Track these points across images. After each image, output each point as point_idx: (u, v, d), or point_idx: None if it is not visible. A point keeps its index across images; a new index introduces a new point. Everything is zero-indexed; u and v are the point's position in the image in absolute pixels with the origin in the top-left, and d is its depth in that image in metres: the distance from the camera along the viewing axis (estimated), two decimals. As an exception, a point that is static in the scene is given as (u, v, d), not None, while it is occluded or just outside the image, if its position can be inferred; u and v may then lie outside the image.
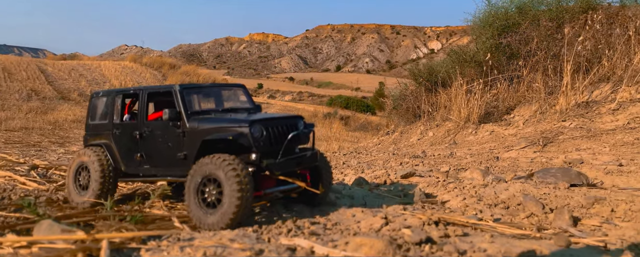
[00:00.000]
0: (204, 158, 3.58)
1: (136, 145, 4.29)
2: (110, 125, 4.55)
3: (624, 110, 8.04)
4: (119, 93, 4.61)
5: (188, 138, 3.92)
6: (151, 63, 56.72)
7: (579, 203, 3.48)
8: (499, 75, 12.77)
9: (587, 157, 5.68)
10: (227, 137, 3.65)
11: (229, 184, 3.34)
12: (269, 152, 3.76)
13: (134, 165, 4.36)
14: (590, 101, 9.26)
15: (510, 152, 6.99)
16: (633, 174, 4.57)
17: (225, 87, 4.97)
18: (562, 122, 8.53)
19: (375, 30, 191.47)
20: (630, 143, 6.32)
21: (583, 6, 12.35)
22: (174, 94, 4.05)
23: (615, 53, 9.98)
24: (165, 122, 4.04)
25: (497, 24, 13.32)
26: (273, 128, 3.82)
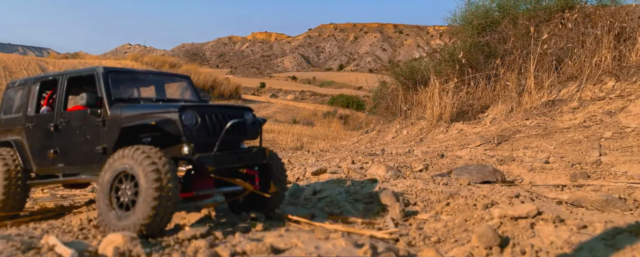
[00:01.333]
0: (120, 150, 3.02)
1: (50, 139, 3.72)
2: (23, 119, 3.98)
3: (583, 108, 8.10)
4: (36, 81, 4.05)
5: (108, 128, 3.35)
6: (152, 62, 57.13)
7: (438, 198, 3.57)
8: (476, 74, 12.83)
9: (526, 155, 5.75)
10: (149, 123, 3.09)
11: (146, 181, 2.77)
12: (205, 145, 3.19)
13: (46, 164, 3.78)
14: (557, 100, 9.31)
15: (463, 150, 7.08)
16: (554, 171, 4.65)
17: (165, 76, 4.37)
18: (525, 121, 8.61)
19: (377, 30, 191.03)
20: (578, 141, 6.40)
21: (561, 5, 12.38)
22: (96, 77, 3.52)
23: (583, 52, 10.01)
24: (84, 112, 3.49)
25: (476, 22, 13.38)
26: (210, 116, 3.25)
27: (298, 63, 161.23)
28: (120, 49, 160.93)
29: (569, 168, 4.62)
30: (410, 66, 15.27)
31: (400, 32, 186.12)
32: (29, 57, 51.71)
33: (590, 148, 5.53)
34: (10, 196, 3.80)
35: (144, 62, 57.64)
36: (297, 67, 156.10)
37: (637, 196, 3.54)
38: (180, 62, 65.47)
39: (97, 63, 53.01)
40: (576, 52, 10.22)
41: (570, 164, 4.76)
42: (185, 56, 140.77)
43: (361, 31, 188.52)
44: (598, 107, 7.88)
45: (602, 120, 7.28)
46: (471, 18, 13.67)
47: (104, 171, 3.07)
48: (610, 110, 7.53)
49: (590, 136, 6.53)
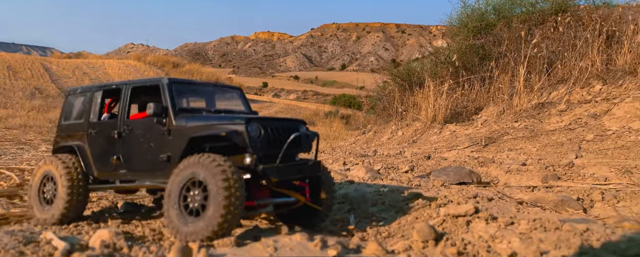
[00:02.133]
0: (190, 157, 3.14)
1: (113, 146, 3.82)
2: (85, 125, 4.09)
3: (570, 111, 8.32)
4: (99, 89, 4.16)
5: (173, 137, 3.45)
6: (155, 61, 57.49)
7: (404, 198, 3.84)
8: (471, 76, 13.05)
9: (508, 157, 5.99)
10: (220, 133, 3.22)
11: (217, 188, 2.87)
12: (266, 156, 3.32)
13: (108, 170, 3.89)
14: (546, 102, 9.53)
15: (451, 151, 7.32)
16: (528, 173, 4.89)
17: (220, 87, 4.48)
18: (514, 123, 8.83)
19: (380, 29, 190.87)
20: (561, 143, 6.63)
21: (555, 8, 12.57)
22: (161, 88, 3.62)
23: (573, 55, 10.22)
24: (148, 120, 3.59)
25: (471, 25, 13.59)
26: (272, 129, 3.37)
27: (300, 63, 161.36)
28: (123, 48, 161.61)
29: (543, 170, 4.86)
30: (408, 67, 15.52)
31: (403, 32, 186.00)
32: (32, 57, 52.20)
33: (569, 150, 5.77)
34: (74, 201, 3.87)
35: (147, 62, 58.00)
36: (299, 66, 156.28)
37: (595, 196, 3.77)
38: (183, 62, 65.78)
39: (100, 63, 53.39)
40: (567, 56, 10.44)
41: (544, 166, 5.00)
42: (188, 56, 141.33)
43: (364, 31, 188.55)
44: (584, 110, 8.11)
45: (587, 123, 7.51)
46: (466, 21, 13.90)
47: (173, 177, 3.15)
48: (596, 113, 7.76)
49: (573, 138, 6.76)
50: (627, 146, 5.65)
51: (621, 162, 4.84)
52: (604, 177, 4.46)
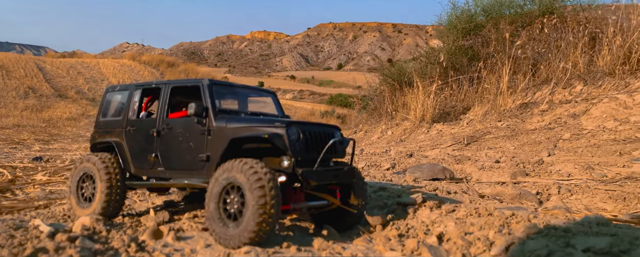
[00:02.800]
0: (228, 162, 3.19)
1: (152, 144, 3.88)
2: (123, 122, 4.14)
3: (551, 111, 8.55)
4: (138, 87, 4.22)
5: (213, 137, 3.52)
6: (150, 61, 57.45)
7: (369, 193, 4.07)
8: (460, 76, 13.28)
9: (486, 155, 6.20)
10: (262, 136, 3.27)
11: (252, 194, 2.95)
12: (303, 160, 3.37)
13: (146, 167, 3.94)
14: (530, 102, 9.76)
15: (434, 150, 7.53)
16: (500, 170, 5.10)
17: (255, 90, 4.54)
18: (498, 123, 9.05)
19: (376, 29, 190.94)
20: (539, 142, 6.84)
21: (542, 10, 12.81)
22: (201, 89, 3.69)
23: (557, 56, 10.46)
24: (188, 120, 3.66)
25: (460, 26, 13.80)
26: (310, 134, 3.42)
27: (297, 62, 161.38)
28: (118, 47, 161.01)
29: (514, 167, 5.07)
30: (399, 68, 15.74)
31: (399, 32, 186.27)
32: (26, 56, 52.01)
33: (544, 149, 5.99)
34: (113, 199, 3.92)
35: (142, 62, 57.94)
36: (295, 66, 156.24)
37: (552, 191, 3.98)
38: (178, 61, 65.69)
39: (94, 62, 53.28)
40: (551, 57, 10.68)
41: (516, 164, 5.21)
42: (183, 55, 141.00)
43: (360, 30, 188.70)
44: (564, 110, 8.33)
45: (566, 123, 7.74)
46: (456, 22, 14.12)
47: (214, 180, 3.21)
48: (575, 113, 7.99)
49: (551, 137, 6.98)
50: (598, 144, 5.87)
51: (587, 160, 5.06)
52: (568, 173, 4.67)
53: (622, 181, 4.22)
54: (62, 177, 6.58)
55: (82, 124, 26.24)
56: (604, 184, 4.12)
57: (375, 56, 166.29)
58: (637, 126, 6.43)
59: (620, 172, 4.53)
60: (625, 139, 5.99)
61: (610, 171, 4.62)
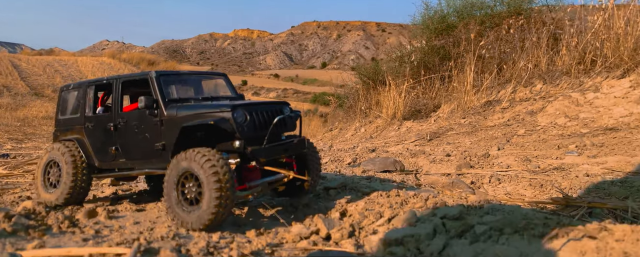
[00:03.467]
0: (181, 153, 3.36)
1: (111, 138, 4.04)
2: (82, 119, 4.29)
3: (511, 108, 8.95)
4: (90, 84, 4.32)
5: (166, 127, 3.67)
6: (130, 59, 56.67)
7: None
8: (432, 75, 13.66)
9: (442, 150, 6.51)
10: (208, 123, 3.40)
11: (208, 181, 3.12)
12: (254, 138, 3.52)
13: (109, 159, 4.11)
14: (494, 100, 10.17)
15: (398, 146, 7.83)
16: (449, 162, 5.41)
17: (205, 75, 4.63)
18: (462, 120, 9.42)
19: (360, 28, 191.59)
20: (494, 137, 7.20)
21: (510, 11, 13.27)
22: (150, 81, 3.81)
23: (521, 56, 10.90)
24: (141, 112, 3.80)
25: (432, 26, 14.20)
26: (257, 113, 3.58)
27: (281, 61, 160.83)
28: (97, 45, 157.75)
29: (461, 160, 5.38)
30: (374, 67, 16.06)
31: (383, 31, 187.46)
32: (0, 54, 50.68)
33: (496, 144, 6.33)
34: (76, 187, 4.07)
35: (122, 59, 57.13)
36: (279, 64, 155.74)
37: (485, 180, 4.30)
38: (159, 59, 64.90)
39: (72, 60, 52.24)
40: (515, 56, 11.11)
41: (464, 157, 5.52)
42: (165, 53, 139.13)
43: (344, 29, 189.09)
44: (523, 107, 8.73)
45: (524, 119, 8.13)
46: (428, 22, 14.51)
47: (169, 170, 3.39)
48: (533, 111, 8.39)
49: (507, 133, 7.35)
50: (546, 139, 6.24)
51: (529, 153, 5.40)
52: (508, 165, 5.00)
53: (551, 171, 4.57)
54: (21, 171, 6.67)
55: (59, 123, 25.84)
56: (533, 174, 4.45)
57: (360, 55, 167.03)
58: (583, 122, 6.84)
59: (552, 164, 4.88)
60: (570, 134, 6.37)
61: (544, 162, 4.96)
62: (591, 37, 9.06)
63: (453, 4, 14.69)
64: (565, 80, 9.09)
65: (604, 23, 8.84)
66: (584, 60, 9.04)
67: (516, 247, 2.04)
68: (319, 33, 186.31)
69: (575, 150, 5.29)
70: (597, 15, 9.07)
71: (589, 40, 9.05)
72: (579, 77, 8.86)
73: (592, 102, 7.63)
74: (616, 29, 8.70)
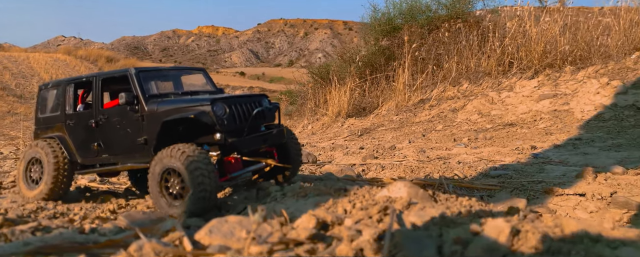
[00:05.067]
0: (163, 150, 3.44)
1: (92, 134, 4.11)
2: (62, 117, 4.34)
3: (438, 106, 9.72)
4: (70, 82, 4.37)
5: (147, 122, 3.75)
6: (87, 56, 54.66)
7: None
8: (377, 74, 14.39)
9: (363, 144, 7.12)
10: (189, 116, 3.48)
11: (191, 177, 3.22)
12: (234, 131, 3.61)
13: (91, 155, 4.17)
14: (426, 99, 10.95)
15: (329, 141, 8.40)
16: (359, 155, 6.04)
17: (184, 70, 4.74)
18: (394, 116, 10.12)
19: (328, 26, 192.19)
20: (414, 133, 7.88)
21: (450, 15, 14.16)
22: (129, 78, 3.89)
23: (453, 57, 11.76)
24: (122, 108, 3.87)
25: (379, 28, 14.93)
26: (236, 106, 3.67)
27: (247, 58, 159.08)
28: (52, 41, 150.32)
29: (370, 152, 5.99)
30: (325, 66, 16.65)
31: (350, 29, 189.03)
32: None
33: (411, 137, 7.00)
34: (58, 184, 4.15)
35: (78, 56, 55.05)
36: (245, 62, 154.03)
37: (372, 168, 4.91)
38: (118, 56, 62.89)
39: (24, 56, 49.91)
40: (448, 58, 11.97)
41: (374, 150, 6.13)
42: (126, 50, 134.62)
43: (311, 27, 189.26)
44: (448, 105, 9.52)
45: (446, 116, 8.89)
46: (375, 24, 15.24)
47: (152, 166, 3.48)
48: (455, 108, 9.17)
49: (427, 128, 8.06)
50: (454, 133, 6.96)
51: (428, 145, 6.08)
52: (405, 155, 5.64)
53: (435, 159, 5.24)
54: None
55: (7, 122, 24.85)
56: (419, 162, 5.11)
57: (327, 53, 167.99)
58: (491, 119, 7.64)
59: (440, 154, 5.56)
60: (477, 129, 7.14)
61: (435, 153, 5.64)
62: (509, 41, 9.97)
63: (399, 7, 15.50)
64: (487, 80, 9.96)
65: (519, 29, 9.76)
66: (503, 62, 9.94)
67: (291, 203, 2.70)
68: (285, 31, 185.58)
69: (466, 142, 6.00)
70: (513, 21, 9.99)
71: (506, 44, 9.96)
72: (498, 77, 9.74)
73: (504, 100, 8.48)
74: (529, 35, 9.63)
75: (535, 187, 3.65)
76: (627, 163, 4.06)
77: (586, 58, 8.61)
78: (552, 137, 5.56)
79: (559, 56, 8.83)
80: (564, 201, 3.36)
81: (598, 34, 8.84)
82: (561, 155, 4.75)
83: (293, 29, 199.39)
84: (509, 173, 4.17)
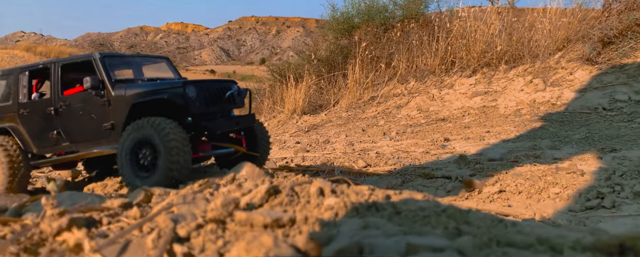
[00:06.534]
0: (138, 121, 3.44)
1: (51, 123, 4.00)
2: (14, 106, 4.19)
3: (385, 103, 10.11)
4: (23, 70, 4.23)
5: (114, 106, 3.74)
6: (47, 52, 52.63)
7: None
8: (336, 72, 14.73)
9: (304, 138, 7.41)
10: (163, 97, 3.53)
11: (165, 148, 3.22)
12: (205, 114, 3.69)
13: (49, 145, 4.06)
14: (377, 96, 11.35)
15: (277, 137, 8.63)
16: (294, 148, 6.34)
17: (148, 58, 4.72)
18: (343, 113, 10.45)
19: (300, 24, 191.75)
20: (355, 128, 8.23)
21: (405, 15, 14.64)
22: (94, 63, 3.85)
23: (403, 56, 12.23)
24: (85, 94, 3.83)
25: (337, 27, 15.27)
26: (207, 90, 3.74)
27: (217, 56, 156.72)
28: (10, 37, 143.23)
29: (304, 146, 6.29)
30: (285, 63, 16.88)
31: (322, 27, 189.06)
32: None
33: (352, 132, 7.33)
34: (16, 179, 4.04)
35: (37, 53, 52.95)
36: (216, 60, 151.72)
37: (297, 160, 5.22)
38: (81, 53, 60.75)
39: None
40: (398, 57, 12.43)
41: (308, 144, 6.44)
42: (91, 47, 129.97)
43: (284, 25, 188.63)
44: (394, 102, 9.93)
45: (391, 113, 9.29)
46: (334, 23, 15.58)
47: (123, 140, 3.48)
48: (400, 105, 9.59)
49: (370, 124, 8.41)
50: (391, 128, 7.35)
51: (359, 139, 6.43)
52: (334, 148, 5.97)
53: (359, 151, 5.60)
54: None
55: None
56: (343, 154, 5.44)
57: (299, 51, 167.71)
58: (427, 114, 8.07)
59: (365, 147, 5.92)
60: (412, 124, 7.55)
61: (361, 146, 6.00)
62: (451, 41, 10.48)
63: (357, 6, 15.90)
64: (431, 78, 10.44)
65: (459, 29, 10.27)
66: (446, 61, 10.45)
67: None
68: (257, 28, 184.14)
69: (392, 136, 6.39)
70: (455, 22, 10.51)
71: (450, 43, 10.47)
72: (441, 76, 10.23)
73: (443, 97, 8.95)
74: (470, 35, 10.17)
75: (416, 172, 4.05)
76: (513, 152, 4.52)
77: (520, 57, 9.20)
78: (468, 131, 6.01)
79: (496, 56, 9.39)
80: (432, 182, 3.74)
81: (531, 34, 9.45)
82: (466, 146, 5.19)
83: (265, 26, 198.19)
84: (403, 162, 4.58)
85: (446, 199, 3.36)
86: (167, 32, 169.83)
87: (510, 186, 3.31)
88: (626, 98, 6.06)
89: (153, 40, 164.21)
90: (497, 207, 3.09)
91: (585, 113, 6.00)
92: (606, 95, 6.33)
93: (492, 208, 3.04)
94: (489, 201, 3.27)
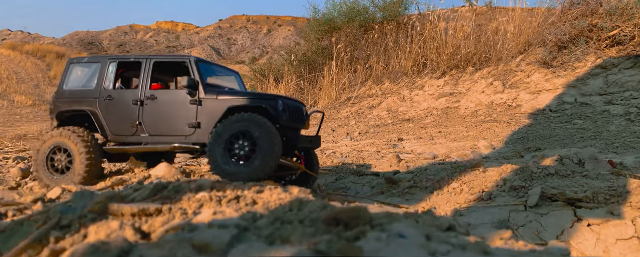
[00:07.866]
0: (238, 115, 3.74)
1: (134, 113, 4.22)
2: (97, 92, 4.40)
3: (359, 103, 10.48)
4: (113, 60, 4.49)
5: (204, 107, 4.01)
6: (34, 51, 52.13)
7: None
8: (317, 73, 15.07)
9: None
10: (261, 106, 3.84)
11: (268, 142, 3.54)
12: (289, 128, 3.95)
13: (126, 134, 4.27)
14: (353, 96, 11.72)
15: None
16: None
17: (224, 70, 4.96)
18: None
19: (291, 23, 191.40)
20: (326, 128, 8.57)
21: (384, 18, 15.01)
22: (189, 64, 4.13)
23: (380, 57, 12.61)
24: (175, 91, 4.16)
25: (318, 28, 15.60)
26: (289, 106, 4.03)
27: (208, 55, 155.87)
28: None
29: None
30: (269, 63, 17.17)
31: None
32: None
33: (321, 133, 7.70)
34: (93, 167, 4.17)
35: (24, 52, 52.48)
36: (206, 59, 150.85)
37: None
38: (69, 52, 60.33)
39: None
40: (376, 58, 12.81)
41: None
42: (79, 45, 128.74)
43: (275, 24, 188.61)
44: (368, 102, 10.31)
45: (364, 113, 9.66)
46: (314, 24, 15.90)
47: (219, 132, 3.74)
48: (373, 105, 9.97)
49: (341, 124, 8.77)
50: (360, 128, 7.71)
51: (326, 139, 6.77)
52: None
53: (320, 150, 5.95)
54: None
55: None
56: None
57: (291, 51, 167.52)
58: (395, 115, 8.45)
59: (326, 147, 6.27)
60: (379, 124, 7.92)
61: (323, 145, 6.34)
62: (424, 44, 10.88)
63: (338, 8, 16.24)
64: (404, 79, 10.84)
65: (431, 32, 10.68)
66: (418, 63, 10.85)
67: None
68: (248, 27, 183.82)
69: (354, 136, 6.75)
70: (426, 26, 10.91)
71: (421, 47, 10.87)
72: (414, 77, 10.63)
73: (413, 98, 9.34)
74: (441, 38, 10.58)
75: (349, 170, 4.40)
76: (453, 152, 4.89)
77: (486, 60, 9.63)
78: (423, 131, 6.38)
79: (464, 58, 9.80)
80: (361, 179, 4.11)
81: (499, 37, 9.89)
82: (415, 146, 5.56)
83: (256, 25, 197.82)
84: (347, 161, 4.93)
85: (368, 194, 3.74)
86: (157, 31, 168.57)
87: (422, 182, 3.69)
88: (573, 100, 6.48)
89: (143, 39, 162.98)
90: (399, 201, 3.47)
91: (534, 114, 6.40)
92: (557, 97, 6.75)
93: (395, 202, 3.43)
94: (397, 195, 3.65)
